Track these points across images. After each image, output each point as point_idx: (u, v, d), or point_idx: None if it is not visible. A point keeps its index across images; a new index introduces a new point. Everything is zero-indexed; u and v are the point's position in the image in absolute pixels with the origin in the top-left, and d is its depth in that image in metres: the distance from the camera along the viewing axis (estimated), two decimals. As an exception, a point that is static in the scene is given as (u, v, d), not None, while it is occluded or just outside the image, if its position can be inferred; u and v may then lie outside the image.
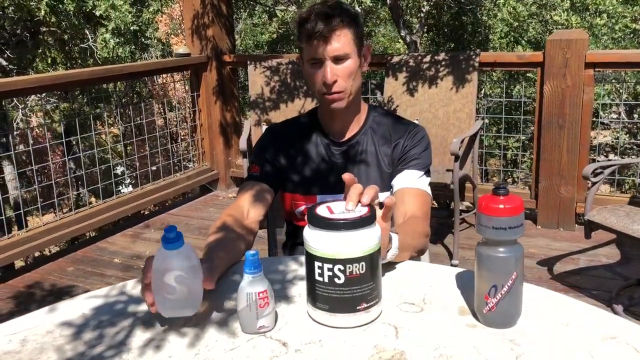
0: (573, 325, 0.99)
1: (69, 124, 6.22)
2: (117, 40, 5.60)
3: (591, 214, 2.45)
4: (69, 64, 7.79)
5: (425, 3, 5.10)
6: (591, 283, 2.82)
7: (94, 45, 6.20)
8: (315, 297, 1.01)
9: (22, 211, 3.55)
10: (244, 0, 5.45)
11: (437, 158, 3.39)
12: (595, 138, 6.39)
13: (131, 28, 5.45)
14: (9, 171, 9.79)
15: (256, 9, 5.81)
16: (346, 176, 1.06)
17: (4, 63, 6.34)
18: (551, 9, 6.00)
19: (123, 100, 11.00)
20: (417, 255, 1.29)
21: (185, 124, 5.44)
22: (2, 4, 6.94)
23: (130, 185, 9.19)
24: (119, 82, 8.62)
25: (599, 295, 2.68)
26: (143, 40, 6.96)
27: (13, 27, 7.15)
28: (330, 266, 0.97)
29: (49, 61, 7.92)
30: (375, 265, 1.00)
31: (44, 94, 6.09)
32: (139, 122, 4.15)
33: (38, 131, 8.20)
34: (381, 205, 1.08)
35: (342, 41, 1.40)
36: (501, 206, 0.93)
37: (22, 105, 5.79)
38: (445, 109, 3.45)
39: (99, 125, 8.09)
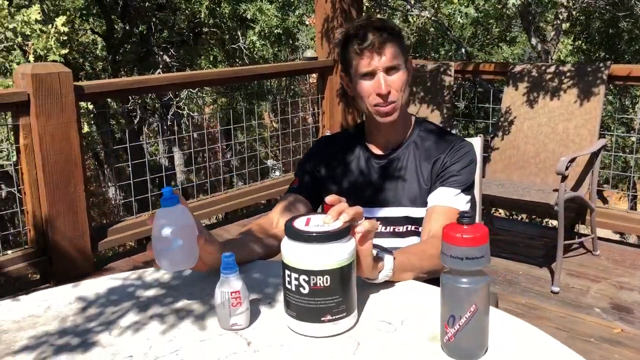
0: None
1: (231, 116, 6.75)
2: (263, 42, 5.97)
3: None
4: (227, 62, 8.45)
5: (563, 10, 4.73)
6: None
7: (244, 46, 6.66)
8: (286, 303, 1.06)
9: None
10: (379, 5, 5.51)
11: (551, 176, 3.18)
12: None
13: (275, 31, 5.77)
14: (179, 156, 10.91)
15: (395, 14, 5.85)
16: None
17: (168, 60, 7.07)
18: None
19: (279, 98, 11.65)
20: (426, 276, 1.26)
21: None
22: (176, 6, 7.73)
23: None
24: (274, 80, 9.20)
25: None
26: (291, 42, 7.34)
27: (181, 28, 7.93)
28: (297, 275, 1.01)
29: (211, 59, 8.65)
30: (344, 280, 1.02)
31: (197, 89, 6.68)
32: (288, 117, 4.44)
33: (203, 121, 9.00)
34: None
35: (392, 53, 1.42)
36: (458, 235, 0.91)
37: (177, 99, 6.43)
38: (566, 124, 3.22)
39: (258, 118, 8.63)
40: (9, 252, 2.91)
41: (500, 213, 5.67)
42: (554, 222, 3.05)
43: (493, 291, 2.82)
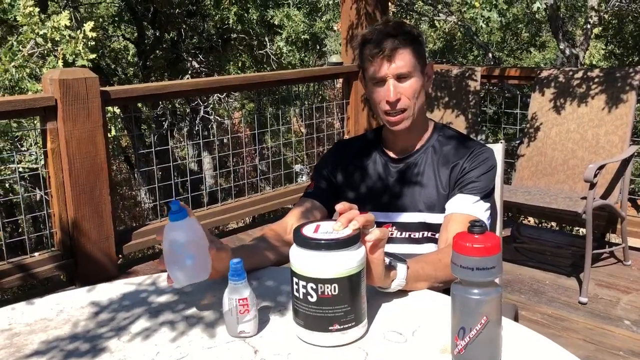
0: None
1: (256, 121, 6.79)
2: (290, 47, 5.98)
3: None
4: (255, 68, 8.51)
5: (594, 13, 4.62)
6: None
7: (271, 52, 6.70)
8: (295, 311, 1.04)
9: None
10: (405, 10, 5.48)
11: (580, 184, 3.11)
12: None
13: (302, 37, 5.78)
14: (208, 161, 11.04)
15: (422, 19, 5.80)
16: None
17: (197, 66, 7.14)
18: None
19: (307, 102, 11.70)
20: (442, 286, 1.23)
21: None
22: (205, 12, 7.82)
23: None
24: (302, 85, 9.26)
25: None
26: (318, 47, 7.35)
27: (210, 34, 8.02)
28: (304, 283, 1.00)
29: (240, 65, 8.73)
30: (353, 288, 1.00)
31: (224, 95, 6.72)
32: (316, 122, 4.44)
33: (232, 126, 9.07)
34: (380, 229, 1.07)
35: (404, 59, 1.40)
36: (469, 244, 0.88)
37: (205, 104, 6.49)
38: (595, 130, 3.14)
39: (287, 123, 8.66)
40: (36, 254, 2.96)
41: (529, 221, 5.55)
42: (584, 231, 2.97)
43: (518, 301, 2.77)
